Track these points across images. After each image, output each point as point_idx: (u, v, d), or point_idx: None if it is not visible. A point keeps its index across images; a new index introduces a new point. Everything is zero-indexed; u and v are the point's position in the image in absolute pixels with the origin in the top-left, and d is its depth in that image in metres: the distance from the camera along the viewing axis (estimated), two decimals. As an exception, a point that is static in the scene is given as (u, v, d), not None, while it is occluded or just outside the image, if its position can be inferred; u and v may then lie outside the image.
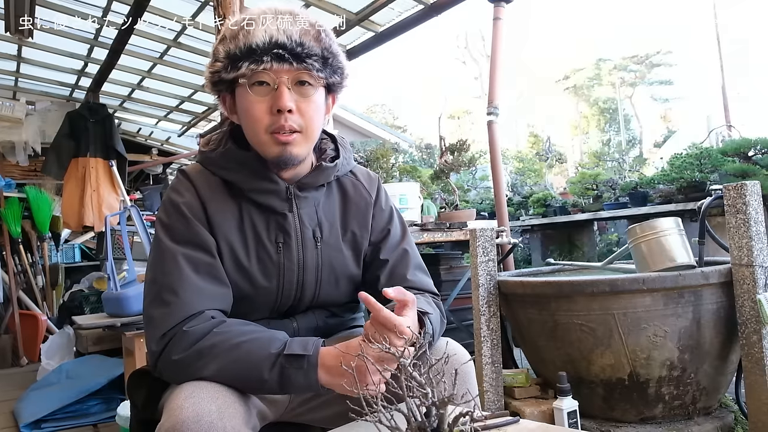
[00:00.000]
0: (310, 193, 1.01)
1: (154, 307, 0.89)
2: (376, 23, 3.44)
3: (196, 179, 0.98)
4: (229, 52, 0.91)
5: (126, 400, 1.97)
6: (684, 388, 1.84)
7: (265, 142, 0.94)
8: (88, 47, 3.88)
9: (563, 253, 5.42)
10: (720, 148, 3.83)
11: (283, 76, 0.91)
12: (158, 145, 5.80)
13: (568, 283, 1.89)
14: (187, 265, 0.90)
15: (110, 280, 2.43)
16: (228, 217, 0.96)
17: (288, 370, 0.82)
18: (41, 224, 4.44)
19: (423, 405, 0.61)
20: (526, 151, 12.24)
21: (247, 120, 0.94)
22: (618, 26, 28.58)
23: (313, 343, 0.85)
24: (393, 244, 1.09)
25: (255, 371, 0.83)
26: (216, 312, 0.91)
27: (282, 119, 0.91)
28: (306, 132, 0.94)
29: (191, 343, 0.85)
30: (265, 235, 0.98)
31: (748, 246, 1.71)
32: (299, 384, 0.83)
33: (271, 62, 0.89)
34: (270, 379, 0.83)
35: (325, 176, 1.03)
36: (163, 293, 0.89)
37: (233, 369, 0.83)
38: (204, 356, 0.84)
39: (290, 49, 0.90)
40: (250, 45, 0.89)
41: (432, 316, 0.95)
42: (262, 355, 0.83)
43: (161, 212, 0.97)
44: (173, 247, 0.92)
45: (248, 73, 0.90)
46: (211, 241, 0.94)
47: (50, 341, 3.22)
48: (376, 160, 3.14)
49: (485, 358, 2.05)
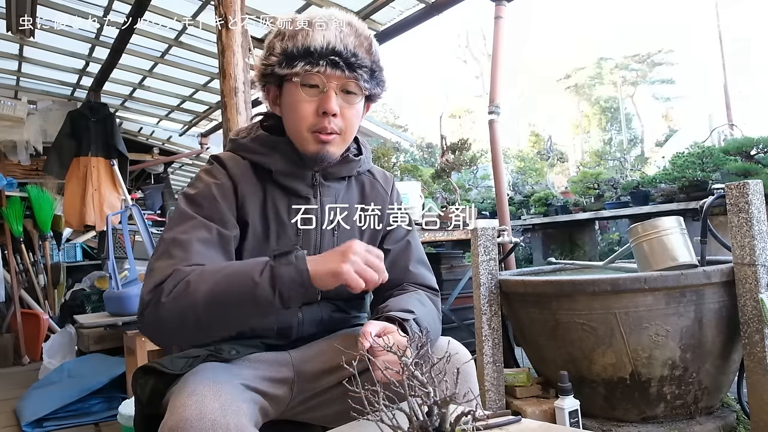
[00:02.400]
0: (333, 183, 1.06)
1: (159, 259, 0.91)
2: (377, 22, 3.43)
3: (228, 162, 1.02)
4: (287, 49, 0.95)
5: (127, 399, 1.97)
6: (686, 387, 1.84)
7: (305, 138, 0.98)
8: (89, 46, 3.88)
9: (564, 252, 5.41)
10: (722, 147, 3.82)
11: (334, 81, 0.96)
12: (159, 145, 5.80)
13: (569, 282, 1.89)
14: (203, 229, 0.93)
15: (112, 279, 2.43)
16: (254, 199, 1.00)
17: (278, 268, 0.83)
18: (43, 223, 4.45)
19: (425, 404, 0.61)
20: (528, 150, 12.24)
21: (293, 116, 0.99)
22: (619, 25, 28.55)
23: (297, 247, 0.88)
24: (398, 236, 1.13)
25: (246, 280, 0.83)
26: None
27: (326, 121, 0.96)
28: (344, 135, 1.00)
29: (181, 277, 0.85)
30: (286, 217, 1.01)
31: (751, 245, 1.71)
32: (291, 278, 0.82)
33: (326, 67, 0.94)
34: (262, 282, 0.82)
35: (349, 168, 1.08)
36: (172, 248, 0.91)
37: (225, 285, 0.83)
38: (193, 283, 0.84)
39: (345, 57, 0.95)
40: (308, 47, 0.94)
41: (420, 315, 0.96)
42: (251, 264, 0.85)
43: (188, 188, 1.00)
44: (192, 214, 0.95)
45: (302, 72, 0.95)
46: (230, 220, 0.97)
47: (52, 340, 3.22)
48: (378, 160, 3.14)
49: (486, 357, 2.05)
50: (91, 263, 4.82)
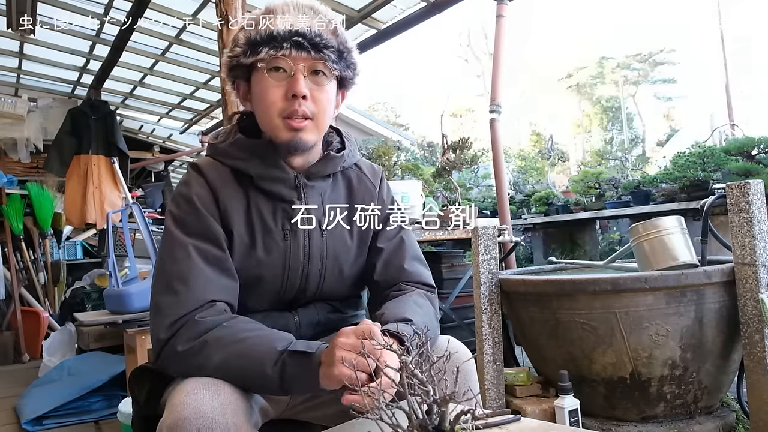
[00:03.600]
0: (317, 183, 1.03)
1: (162, 295, 0.90)
2: (379, 20, 3.43)
3: (207, 170, 0.99)
4: (250, 38, 0.94)
5: (127, 397, 1.97)
6: (686, 387, 1.83)
7: (277, 125, 0.96)
8: (90, 44, 3.88)
9: (565, 251, 5.41)
10: (723, 146, 3.82)
11: (300, 63, 0.94)
12: (160, 143, 5.80)
13: (569, 281, 1.89)
14: (198, 256, 0.91)
15: (112, 277, 2.43)
16: (237, 206, 0.97)
17: (290, 368, 0.82)
18: (43, 221, 4.45)
19: (424, 403, 0.61)
20: (529, 149, 12.22)
21: (262, 104, 0.97)
22: (621, 24, 28.50)
23: (317, 345, 0.85)
24: (391, 234, 1.10)
25: (258, 366, 0.83)
26: (225, 305, 0.92)
27: (296, 104, 0.94)
28: (317, 119, 0.97)
29: (200, 332, 0.85)
30: (272, 222, 0.99)
31: (751, 245, 1.71)
32: (300, 382, 0.83)
33: (290, 49, 0.92)
34: (272, 375, 0.83)
35: (332, 166, 1.05)
36: (173, 282, 0.90)
37: (236, 363, 0.84)
38: (209, 347, 0.84)
39: (309, 38, 0.93)
40: (271, 32, 0.92)
41: (417, 321, 0.93)
42: (266, 350, 0.84)
43: (172, 205, 0.98)
44: (184, 238, 0.93)
45: (267, 58, 0.93)
46: (220, 233, 0.95)
47: (52, 338, 3.22)
48: (378, 158, 3.14)
49: (487, 357, 2.05)
50: (91, 261, 4.82)
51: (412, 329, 0.89)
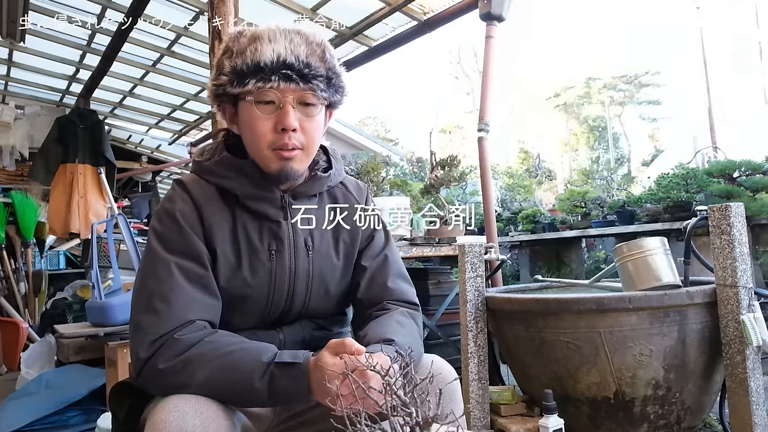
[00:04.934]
0: (303, 203, 1.02)
1: (143, 313, 0.89)
2: (370, 38, 3.47)
3: (192, 188, 0.98)
4: (236, 67, 0.92)
5: (106, 412, 1.93)
6: (669, 407, 1.84)
7: (266, 156, 0.95)
8: (80, 53, 3.87)
9: (551, 269, 5.44)
10: (706, 168, 3.89)
11: (289, 95, 0.93)
12: (148, 153, 5.77)
13: (555, 300, 1.90)
14: (180, 274, 0.90)
15: (95, 289, 2.40)
16: (222, 224, 0.96)
17: (278, 379, 0.82)
18: (26, 230, 4.38)
19: (407, 425, 0.61)
20: (516, 166, 12.34)
21: (251, 136, 0.96)
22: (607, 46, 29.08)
23: (303, 354, 0.85)
24: (375, 251, 1.10)
25: (245, 379, 0.82)
26: (206, 323, 0.90)
27: (286, 137, 0.93)
28: (307, 149, 0.97)
29: (181, 350, 0.84)
30: (258, 242, 0.98)
31: (732, 267, 1.73)
32: (289, 392, 0.83)
33: (278, 81, 0.91)
34: (260, 388, 0.82)
35: (318, 186, 1.05)
36: (154, 301, 0.88)
37: (223, 377, 0.83)
38: (193, 364, 0.83)
39: (297, 69, 0.91)
40: (258, 63, 0.90)
41: (400, 342, 0.93)
42: (252, 363, 0.83)
43: (155, 221, 0.97)
44: (166, 256, 0.92)
45: (254, 90, 0.91)
46: (204, 251, 0.94)
47: (31, 349, 3.15)
48: (367, 173, 3.15)
49: (472, 375, 2.05)
50: (74, 272, 4.74)
51: (395, 350, 0.88)
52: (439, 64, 33.14)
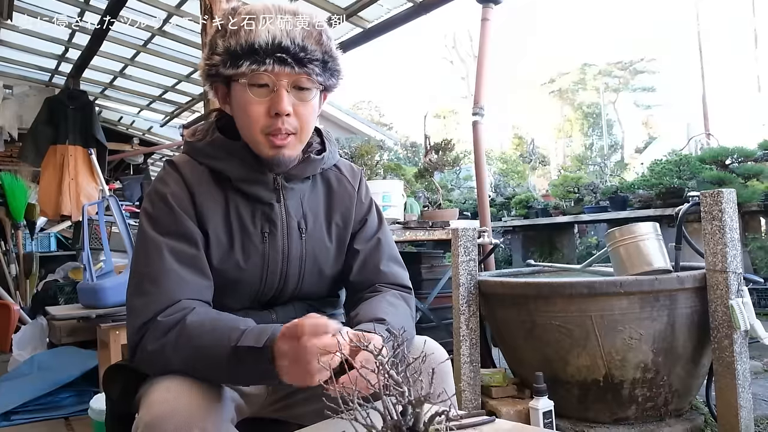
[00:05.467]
0: (296, 185, 1.01)
1: (134, 297, 0.89)
2: (365, 19, 3.43)
3: (183, 168, 0.97)
4: (229, 48, 0.89)
5: (99, 393, 1.94)
6: (657, 390, 1.87)
7: (259, 141, 0.93)
8: (69, 32, 3.80)
9: (544, 254, 5.48)
10: (698, 155, 3.91)
11: (283, 79, 0.90)
12: (140, 135, 5.72)
13: (547, 284, 1.91)
14: (170, 255, 0.90)
15: (86, 271, 2.38)
16: (214, 206, 0.96)
17: (243, 364, 0.81)
18: (16, 212, 4.34)
19: (399, 403, 0.61)
20: (510, 152, 12.34)
21: (244, 119, 0.94)
22: (603, 32, 28.96)
23: (268, 334, 0.81)
24: (368, 235, 1.09)
25: (215, 365, 0.82)
26: (194, 302, 0.89)
27: (279, 122, 0.91)
28: (300, 134, 0.95)
29: (162, 333, 0.84)
30: (251, 224, 0.97)
31: (723, 252, 1.75)
32: (256, 376, 0.82)
33: (273, 64, 0.88)
34: (230, 371, 0.82)
35: (311, 168, 1.03)
36: (144, 283, 0.88)
37: (195, 363, 0.83)
38: (167, 351, 0.84)
39: (293, 53, 0.89)
40: (252, 44, 0.88)
41: (391, 321, 0.92)
42: (220, 348, 0.82)
43: (146, 203, 0.96)
44: (157, 237, 0.91)
45: (248, 72, 0.89)
46: (196, 232, 0.93)
47: (22, 332, 3.15)
48: (361, 157, 3.14)
49: (464, 357, 2.07)
50: (65, 254, 4.72)
51: (386, 329, 0.88)
52: (434, 48, 32.91)
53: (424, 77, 32.65)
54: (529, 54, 27.89)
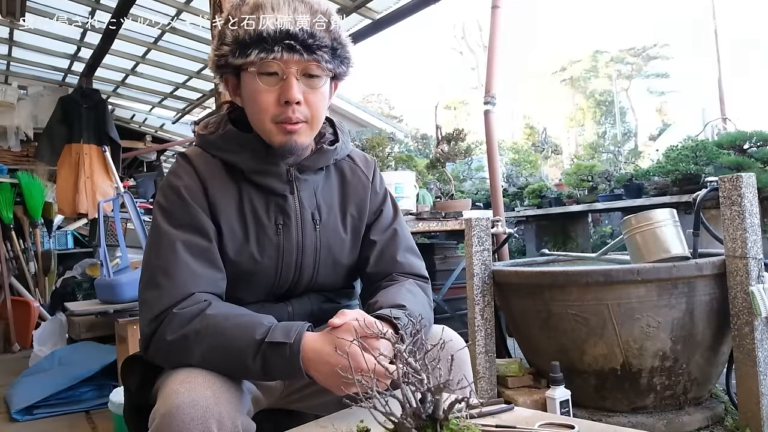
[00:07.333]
0: (309, 176, 1.01)
1: (147, 289, 0.89)
2: (374, 10, 3.41)
3: (196, 161, 0.97)
4: (238, 37, 0.89)
5: (118, 387, 1.96)
6: (675, 378, 1.85)
7: (270, 130, 0.93)
8: (81, 31, 3.83)
9: (557, 244, 5.43)
10: (715, 140, 3.83)
11: (293, 66, 0.89)
12: (152, 132, 5.76)
13: (562, 273, 1.90)
14: (183, 248, 0.90)
15: (103, 267, 2.42)
16: (228, 199, 0.96)
17: (271, 358, 0.81)
18: (33, 210, 4.41)
19: (418, 391, 0.61)
20: (522, 142, 12.23)
21: (254, 108, 0.94)
22: (615, 18, 28.53)
23: (297, 330, 0.83)
24: (384, 226, 1.09)
25: (238, 359, 0.83)
26: (208, 295, 0.90)
27: (290, 111, 0.90)
28: (311, 122, 0.94)
29: (180, 326, 0.85)
30: (265, 216, 0.97)
31: (743, 238, 1.72)
32: (282, 372, 0.83)
33: (281, 52, 0.87)
34: (254, 367, 0.82)
35: (324, 159, 1.03)
36: (157, 276, 0.89)
37: (217, 357, 0.83)
38: (189, 341, 0.84)
39: (301, 40, 0.88)
40: (260, 33, 0.87)
41: (410, 308, 0.92)
42: (245, 342, 0.82)
43: (160, 196, 0.96)
44: (170, 230, 0.91)
45: (257, 61, 0.89)
46: (209, 225, 0.93)
47: (42, 328, 3.20)
48: (372, 149, 3.13)
49: (479, 348, 2.06)
50: (82, 251, 4.79)
51: (405, 315, 0.88)
52: (444, 39, 32.67)
53: (433, 68, 32.45)
54: (540, 43, 27.56)
